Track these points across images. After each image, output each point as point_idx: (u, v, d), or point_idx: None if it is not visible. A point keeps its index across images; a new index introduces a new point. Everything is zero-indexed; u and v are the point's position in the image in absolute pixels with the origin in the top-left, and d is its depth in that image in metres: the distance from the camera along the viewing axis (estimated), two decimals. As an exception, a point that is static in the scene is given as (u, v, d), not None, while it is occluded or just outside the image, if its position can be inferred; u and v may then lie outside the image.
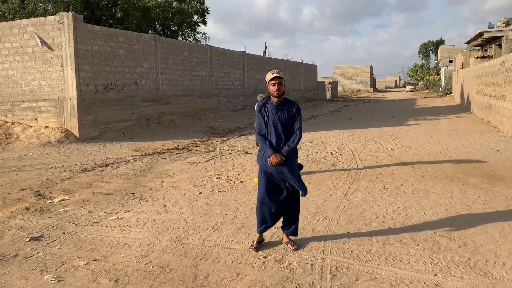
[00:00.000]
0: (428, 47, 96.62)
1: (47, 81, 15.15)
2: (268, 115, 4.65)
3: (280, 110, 4.62)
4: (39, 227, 5.67)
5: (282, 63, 37.27)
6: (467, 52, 37.01)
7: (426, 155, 10.31)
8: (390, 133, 15.00)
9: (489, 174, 8.07)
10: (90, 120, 15.38)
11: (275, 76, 4.51)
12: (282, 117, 4.59)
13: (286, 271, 4.11)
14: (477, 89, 20.92)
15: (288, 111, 4.60)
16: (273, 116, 4.61)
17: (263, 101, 4.77)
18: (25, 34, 15.26)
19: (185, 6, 30.84)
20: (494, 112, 16.07)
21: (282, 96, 4.62)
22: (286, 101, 4.67)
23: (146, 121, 18.39)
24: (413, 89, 77.72)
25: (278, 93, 4.55)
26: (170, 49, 20.54)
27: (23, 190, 7.76)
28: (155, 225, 5.63)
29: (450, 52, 61.93)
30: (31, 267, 4.39)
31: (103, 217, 6.08)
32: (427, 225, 5.30)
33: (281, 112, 4.60)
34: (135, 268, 4.28)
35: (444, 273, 3.98)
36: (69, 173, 9.24)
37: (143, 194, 7.36)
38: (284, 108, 4.62)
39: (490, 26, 27.93)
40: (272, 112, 4.63)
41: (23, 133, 14.69)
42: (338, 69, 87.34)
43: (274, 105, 4.64)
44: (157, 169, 9.70)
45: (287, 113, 4.60)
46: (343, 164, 9.55)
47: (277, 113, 4.61)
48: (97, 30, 15.91)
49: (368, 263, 4.23)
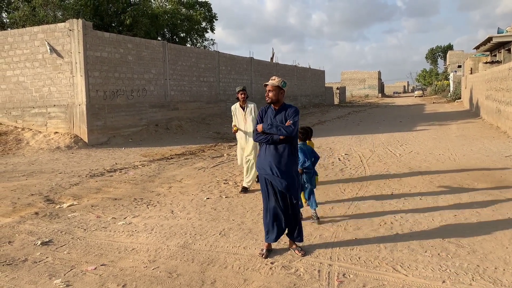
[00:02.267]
0: (436, 52, 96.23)
1: (57, 87, 15.32)
2: (267, 118, 4.77)
3: (278, 114, 4.73)
4: (48, 232, 5.72)
5: (290, 69, 37.32)
6: (476, 57, 36.77)
7: (435, 161, 10.25)
8: (398, 139, 14.94)
9: (498, 180, 8.00)
10: (99, 126, 15.51)
11: (265, 83, 4.71)
12: (279, 121, 4.68)
13: (293, 277, 4.11)
14: (486, 95, 20.78)
15: (284, 115, 4.70)
16: (271, 120, 4.72)
17: (266, 106, 4.87)
18: (36, 41, 15.46)
19: (194, 12, 31.07)
20: (503, 117, 15.95)
21: (276, 103, 4.71)
22: (285, 106, 4.77)
23: (154, 127, 18.50)
24: (421, 94, 77.36)
25: (267, 99, 4.70)
26: (178, 55, 20.68)
27: (32, 195, 7.84)
28: (163, 231, 5.65)
29: (459, 57, 61.62)
30: (40, 271, 4.43)
31: (111, 222, 6.12)
32: (435, 232, 5.26)
33: (278, 117, 4.72)
34: (142, 273, 4.30)
35: (452, 280, 3.95)
36: (78, 179, 9.32)
37: (151, 200, 7.39)
38: (282, 113, 4.72)
39: (499, 31, 27.75)
40: (271, 117, 4.75)
41: (33, 138, 14.84)
42: (346, 74, 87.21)
43: (273, 110, 4.78)
44: (165, 174, 9.75)
45: (283, 116, 4.69)
46: (350, 170, 9.52)
47: (275, 118, 4.72)
48: (106, 36, 16.08)
49: (375, 270, 4.21)
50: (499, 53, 29.84)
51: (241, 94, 7.76)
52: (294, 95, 37.76)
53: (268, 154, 4.66)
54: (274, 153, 4.63)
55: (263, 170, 4.68)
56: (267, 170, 4.64)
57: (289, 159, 4.64)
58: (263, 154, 4.73)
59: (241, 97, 7.76)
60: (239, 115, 7.85)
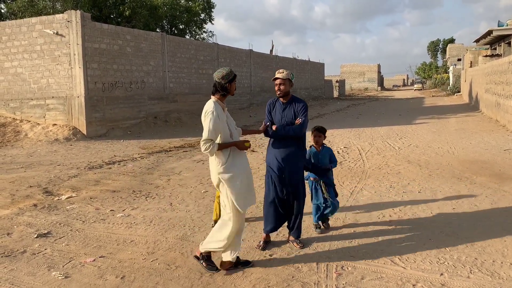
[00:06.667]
0: (437, 45, 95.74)
1: (55, 79, 15.25)
2: (275, 112, 4.72)
3: (286, 108, 4.67)
4: (46, 223, 5.72)
5: (289, 62, 37.20)
6: (476, 51, 36.67)
7: (434, 154, 10.25)
8: (397, 132, 14.93)
9: (497, 174, 8.00)
10: (97, 118, 15.47)
11: (275, 77, 4.62)
12: (288, 115, 4.63)
13: (291, 269, 4.11)
14: (485, 88, 20.75)
15: (293, 109, 4.64)
16: (279, 115, 4.67)
17: (273, 99, 4.84)
18: (34, 32, 15.36)
19: (193, 4, 30.88)
20: (503, 111, 15.93)
21: (286, 95, 4.67)
22: (293, 99, 4.71)
23: (153, 119, 18.46)
24: (421, 87, 77.24)
25: (279, 93, 4.65)
26: (177, 47, 20.58)
27: (31, 187, 7.83)
28: (162, 223, 5.65)
29: (459, 51, 61.39)
30: (38, 263, 4.43)
31: (110, 214, 6.11)
32: (434, 225, 5.27)
33: (287, 111, 4.66)
34: (141, 265, 4.30)
35: (450, 272, 3.96)
36: (77, 171, 9.31)
37: (149, 192, 7.39)
38: (291, 107, 4.66)
39: (499, 24, 27.67)
40: (279, 111, 4.69)
41: (31, 130, 14.81)
42: (346, 67, 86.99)
43: (281, 104, 4.71)
44: (164, 167, 9.74)
45: (292, 111, 4.64)
46: (349, 163, 9.52)
47: (283, 112, 4.67)
48: (104, 28, 15.99)
49: (374, 262, 4.22)
50: (499, 46, 29.77)
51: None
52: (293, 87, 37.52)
53: (275, 147, 4.67)
54: (280, 146, 4.63)
55: (269, 162, 4.70)
56: (273, 162, 4.65)
57: (295, 154, 4.63)
58: (270, 146, 4.75)
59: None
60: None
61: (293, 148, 4.61)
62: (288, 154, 4.59)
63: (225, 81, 4.10)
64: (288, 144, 4.61)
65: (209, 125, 3.90)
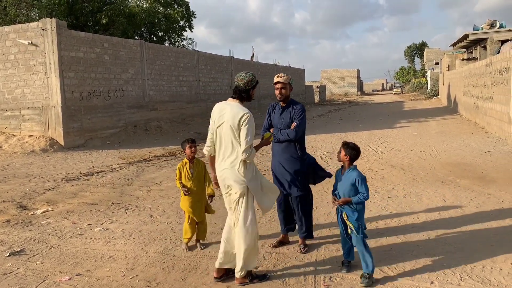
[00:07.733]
0: (412, 50, 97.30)
1: (31, 89, 14.84)
2: (274, 116, 4.86)
3: (284, 111, 4.78)
4: (20, 240, 5.44)
5: (270, 68, 37.22)
6: (452, 55, 37.36)
7: (416, 158, 10.25)
8: (379, 136, 14.96)
9: (480, 176, 8.01)
10: (75, 128, 15.09)
11: (276, 81, 4.68)
12: (285, 118, 4.73)
13: (278, 283, 3.95)
14: (464, 91, 21.05)
15: (290, 112, 4.73)
16: (277, 118, 4.79)
17: (274, 102, 4.97)
18: (7, 42, 14.94)
19: (171, 11, 30.63)
20: (481, 113, 16.15)
21: (287, 99, 4.77)
22: (292, 103, 4.80)
23: (133, 128, 18.13)
24: (400, 91, 78.21)
25: (280, 97, 4.74)
26: (156, 55, 20.32)
27: (4, 201, 7.50)
28: (142, 236, 5.43)
29: (436, 55, 62.51)
30: (10, 284, 4.17)
31: (88, 228, 5.86)
32: (421, 230, 5.18)
33: (285, 114, 4.76)
34: (120, 283, 4.09)
35: (441, 280, 3.85)
36: (53, 183, 8.98)
37: (129, 204, 7.14)
38: (288, 110, 4.75)
39: (475, 28, 28.21)
40: (277, 114, 4.82)
41: (6, 142, 14.34)
42: (326, 73, 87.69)
43: (280, 107, 4.83)
44: (144, 177, 9.49)
45: (289, 114, 4.73)
46: (333, 169, 9.43)
47: (281, 115, 4.77)
48: (81, 36, 15.65)
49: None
50: (475, 50, 30.34)
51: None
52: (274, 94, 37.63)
53: (276, 151, 4.80)
54: (280, 151, 4.75)
55: (273, 166, 4.85)
56: (273, 163, 4.84)
57: (292, 157, 4.69)
58: (273, 150, 4.88)
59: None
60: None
61: (289, 151, 4.70)
62: (285, 157, 4.70)
63: (250, 87, 3.99)
64: (285, 147, 4.71)
65: (251, 130, 3.81)
